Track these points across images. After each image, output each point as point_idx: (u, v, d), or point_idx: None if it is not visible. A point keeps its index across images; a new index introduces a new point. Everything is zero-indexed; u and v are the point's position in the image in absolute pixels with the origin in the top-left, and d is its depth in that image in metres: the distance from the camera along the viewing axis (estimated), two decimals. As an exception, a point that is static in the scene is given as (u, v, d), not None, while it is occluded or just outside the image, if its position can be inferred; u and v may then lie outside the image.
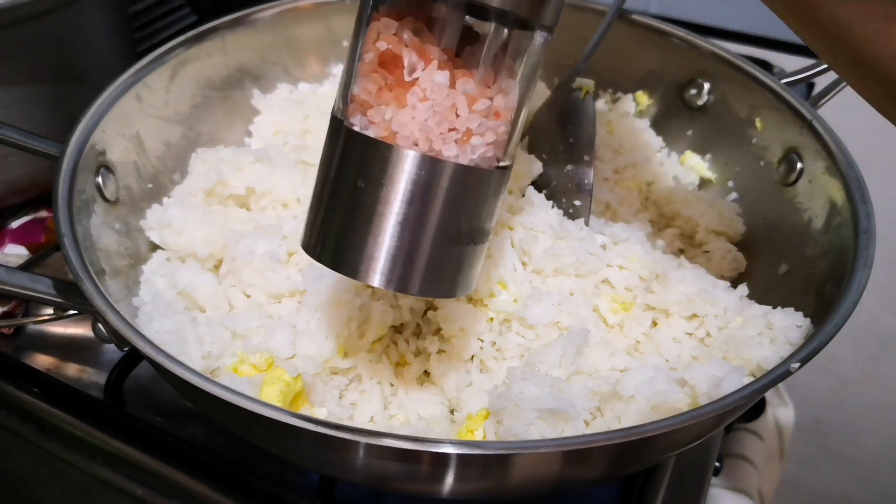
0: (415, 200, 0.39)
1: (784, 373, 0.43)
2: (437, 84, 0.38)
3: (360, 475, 0.46)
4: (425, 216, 0.39)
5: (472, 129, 0.39)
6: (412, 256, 0.40)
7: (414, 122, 0.38)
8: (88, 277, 0.47)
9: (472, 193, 0.40)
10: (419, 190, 0.39)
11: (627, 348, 0.54)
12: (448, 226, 0.40)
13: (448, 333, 0.54)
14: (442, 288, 0.42)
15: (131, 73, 0.61)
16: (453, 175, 0.39)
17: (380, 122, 0.39)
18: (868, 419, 1.27)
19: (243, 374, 0.50)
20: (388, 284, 0.40)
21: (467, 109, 0.38)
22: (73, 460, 0.57)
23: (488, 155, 0.40)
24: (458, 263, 0.42)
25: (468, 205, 0.40)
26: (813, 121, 0.60)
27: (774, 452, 0.83)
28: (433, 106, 0.38)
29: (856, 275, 0.48)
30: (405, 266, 0.40)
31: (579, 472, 0.45)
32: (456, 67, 0.38)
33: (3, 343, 0.65)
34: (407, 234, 0.39)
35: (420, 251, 0.40)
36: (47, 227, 0.74)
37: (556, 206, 0.60)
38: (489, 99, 0.39)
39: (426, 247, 0.40)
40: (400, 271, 0.40)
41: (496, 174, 0.41)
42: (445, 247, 0.41)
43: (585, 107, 0.64)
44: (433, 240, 0.40)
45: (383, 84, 0.39)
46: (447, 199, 0.39)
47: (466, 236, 0.41)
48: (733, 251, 0.63)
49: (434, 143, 0.38)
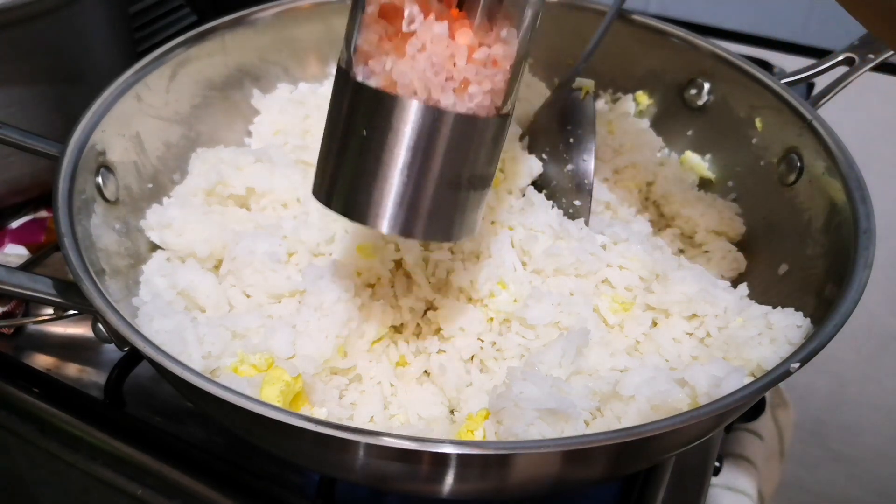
0: (415, 148, 0.40)
1: (784, 373, 0.43)
2: (436, 35, 0.39)
3: (360, 475, 0.46)
4: (426, 163, 0.40)
5: (470, 78, 0.40)
6: (415, 202, 0.41)
7: (413, 72, 0.39)
8: (88, 277, 0.47)
9: (470, 141, 0.41)
10: (419, 138, 0.40)
11: (627, 348, 0.55)
12: (448, 172, 0.41)
13: (448, 333, 0.54)
14: (444, 232, 0.44)
15: (131, 73, 0.61)
16: (451, 123, 0.40)
17: (380, 71, 0.40)
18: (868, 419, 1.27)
19: (243, 374, 0.50)
20: (393, 229, 0.42)
21: (465, 60, 0.39)
22: (73, 460, 0.57)
23: (486, 103, 0.41)
24: (459, 208, 0.43)
25: (467, 152, 0.41)
26: (813, 121, 0.60)
27: (774, 452, 0.83)
28: (431, 56, 0.39)
29: (856, 275, 0.48)
30: (409, 211, 0.41)
31: (579, 473, 0.45)
32: (455, 18, 0.39)
33: (3, 343, 0.66)
34: (409, 180, 0.41)
35: (422, 197, 0.41)
36: (47, 227, 0.74)
37: (556, 206, 0.60)
38: (487, 47, 0.40)
39: (428, 192, 0.41)
40: (404, 216, 0.41)
41: (495, 122, 0.42)
42: (446, 192, 0.42)
43: (585, 107, 0.64)
44: (435, 185, 0.41)
45: (384, 34, 0.40)
46: (446, 146, 0.40)
47: (466, 182, 0.42)
48: (733, 251, 0.63)
49: (433, 91, 0.39)
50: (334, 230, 0.59)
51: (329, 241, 0.59)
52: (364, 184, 0.41)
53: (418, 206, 0.41)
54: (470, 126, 0.41)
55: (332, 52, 0.76)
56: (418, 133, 0.40)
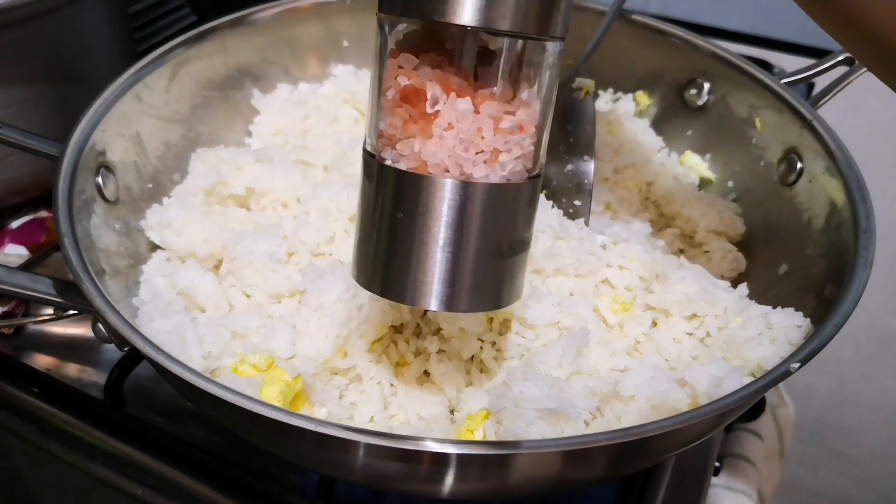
0: (453, 224, 0.40)
1: (784, 373, 0.43)
2: (461, 112, 0.38)
3: (360, 475, 0.46)
4: (465, 237, 0.40)
5: (500, 147, 0.40)
6: (456, 276, 0.41)
7: (443, 151, 0.39)
8: (88, 277, 0.47)
9: (507, 208, 0.41)
10: (455, 214, 0.40)
11: (627, 348, 0.54)
12: (487, 243, 0.41)
13: (448, 333, 0.54)
14: (489, 301, 0.43)
15: (131, 73, 0.61)
16: (486, 195, 0.40)
17: (409, 154, 0.40)
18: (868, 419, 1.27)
19: (243, 374, 0.50)
20: (440, 306, 0.41)
21: (492, 131, 0.39)
22: (73, 460, 0.57)
23: (517, 169, 0.41)
24: (502, 276, 0.43)
25: (505, 220, 0.41)
26: (813, 121, 0.60)
27: (774, 452, 0.83)
28: (459, 133, 0.39)
29: (856, 275, 0.48)
30: (451, 286, 0.41)
31: (579, 473, 0.45)
32: (475, 91, 0.39)
33: (3, 343, 0.65)
34: (449, 256, 0.40)
35: (463, 271, 0.41)
36: (47, 227, 0.74)
37: (556, 206, 0.60)
38: (512, 114, 0.40)
39: (469, 266, 0.41)
40: (448, 292, 0.41)
41: (528, 185, 0.42)
42: (487, 262, 0.41)
43: (585, 107, 0.64)
44: (474, 258, 0.41)
45: (408, 118, 0.39)
46: (483, 218, 0.40)
47: (507, 249, 0.42)
48: (733, 251, 0.63)
49: (464, 167, 0.39)
50: (334, 230, 0.59)
51: (329, 241, 0.59)
52: (405, 266, 0.41)
53: (461, 280, 0.41)
54: (504, 194, 0.40)
55: (332, 52, 0.76)
56: (455, 209, 0.40)
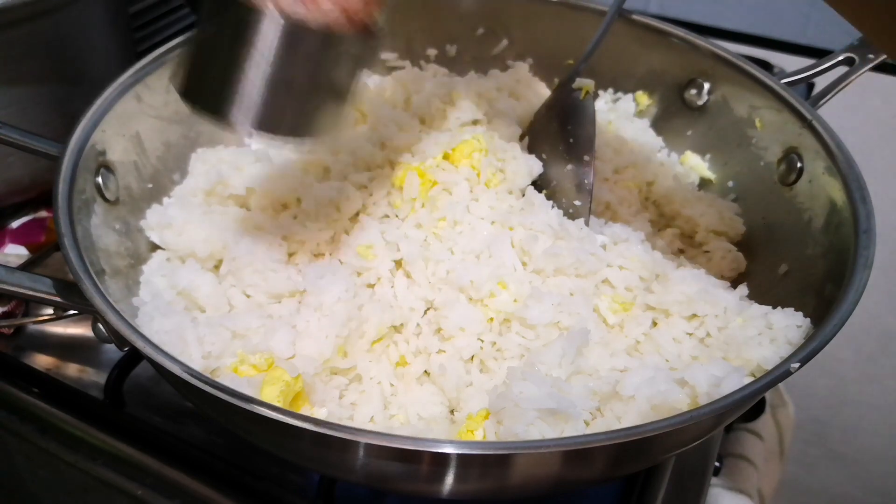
0: (264, 52, 0.43)
1: (784, 373, 0.43)
2: None
3: (360, 475, 0.46)
4: (264, 62, 0.43)
5: None
6: (251, 97, 0.44)
7: None
8: (88, 277, 0.47)
9: (319, 51, 0.44)
10: (266, 43, 0.42)
11: (627, 348, 0.54)
12: (287, 75, 0.44)
13: (448, 333, 0.54)
14: (278, 128, 0.45)
15: (131, 73, 0.61)
16: (297, 32, 0.43)
17: None
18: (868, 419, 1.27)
19: (243, 374, 0.50)
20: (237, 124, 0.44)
21: None
22: (73, 460, 0.57)
23: (338, 18, 0.43)
24: (299, 110, 0.45)
25: (315, 60, 0.44)
26: (813, 121, 0.60)
27: (774, 452, 0.83)
28: None
29: (856, 275, 0.48)
30: (242, 104, 0.44)
31: (579, 472, 0.45)
32: None
33: (3, 343, 0.66)
34: (257, 81, 0.43)
35: (260, 93, 0.43)
36: (47, 227, 0.74)
37: (556, 206, 0.60)
38: None
39: (266, 91, 0.43)
40: (237, 108, 0.44)
41: (351, 38, 0.44)
42: (291, 93, 0.44)
43: (585, 107, 0.64)
44: (277, 86, 0.43)
45: None
46: (293, 52, 0.43)
47: (312, 87, 0.45)
48: (733, 251, 0.63)
49: (284, 4, 0.42)
50: (334, 230, 0.59)
51: (329, 241, 0.59)
52: (217, 82, 0.44)
53: (255, 101, 0.43)
54: (319, 37, 0.43)
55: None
56: (265, 39, 0.42)
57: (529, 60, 0.78)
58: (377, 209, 0.61)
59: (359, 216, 0.60)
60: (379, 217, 0.61)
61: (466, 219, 0.59)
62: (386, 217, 0.61)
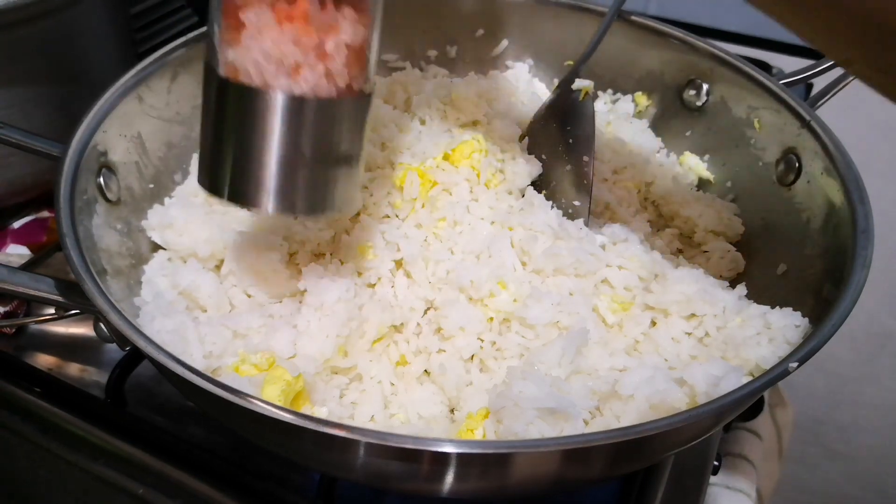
0: (254, 128, 0.42)
1: (782, 372, 0.43)
2: (264, 24, 0.41)
3: (360, 474, 0.46)
4: (265, 141, 0.43)
5: (300, 62, 0.42)
6: (264, 178, 0.44)
7: (248, 60, 0.42)
8: (90, 277, 0.47)
9: (311, 120, 0.43)
10: (256, 118, 0.42)
11: (626, 348, 0.55)
12: (287, 149, 0.43)
13: (448, 333, 0.54)
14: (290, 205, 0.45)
15: (133, 74, 0.62)
16: (286, 104, 0.42)
17: (224, 61, 0.43)
18: (866, 418, 1.28)
19: (244, 373, 0.50)
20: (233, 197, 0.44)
21: (292, 46, 0.41)
22: (75, 460, 0.57)
23: (322, 84, 0.43)
24: (311, 183, 0.45)
25: (307, 129, 0.43)
26: (811, 121, 0.60)
27: (773, 451, 0.83)
28: (261, 45, 0.41)
29: (854, 275, 0.48)
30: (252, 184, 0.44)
31: (579, 472, 0.45)
32: (285, 8, 0.41)
33: (5, 343, 0.66)
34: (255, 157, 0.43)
35: (267, 174, 0.43)
36: (49, 228, 0.75)
37: (556, 206, 0.60)
38: (317, 33, 0.42)
39: (276, 171, 0.43)
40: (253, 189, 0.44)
41: (341, 103, 0.44)
42: (295, 170, 0.44)
43: (584, 108, 0.64)
44: (278, 162, 0.43)
45: (227, 27, 0.42)
46: (282, 126, 0.42)
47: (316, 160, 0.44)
48: (732, 251, 0.63)
49: (267, 77, 0.42)
50: (335, 230, 0.59)
51: (330, 241, 0.59)
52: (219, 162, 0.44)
53: (267, 181, 0.44)
54: (309, 107, 0.43)
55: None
56: (257, 116, 0.42)
57: (529, 61, 0.78)
58: (377, 209, 0.61)
59: (359, 216, 0.61)
60: (379, 217, 0.61)
61: (466, 219, 0.59)
62: (386, 217, 0.61)
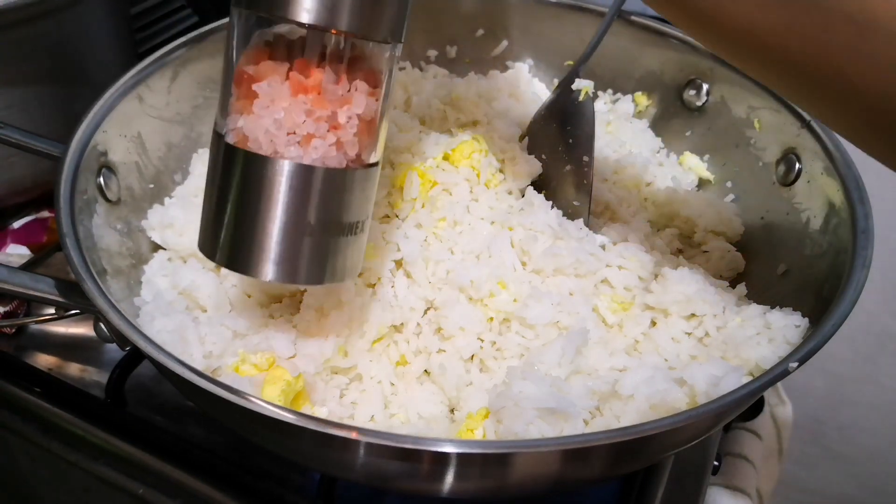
0: (264, 197, 0.43)
1: (782, 372, 0.43)
2: (277, 95, 0.42)
3: (360, 474, 0.46)
4: (275, 211, 0.43)
5: (312, 132, 0.42)
6: (268, 248, 0.44)
7: (259, 128, 0.42)
8: (90, 277, 0.47)
9: (320, 189, 0.43)
10: (267, 187, 0.43)
11: (626, 348, 0.55)
12: (297, 219, 0.44)
13: (448, 333, 0.54)
14: (293, 275, 0.45)
15: (133, 73, 0.62)
16: (296, 174, 0.42)
17: (234, 128, 0.43)
18: (866, 418, 1.27)
19: (244, 373, 0.50)
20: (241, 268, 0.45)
21: (304, 116, 0.42)
22: (75, 460, 0.57)
23: (333, 154, 0.43)
24: (316, 254, 0.45)
25: (317, 200, 0.44)
26: (811, 121, 0.60)
27: (773, 451, 0.83)
28: (273, 114, 0.42)
29: (854, 275, 0.48)
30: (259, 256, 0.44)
31: (579, 472, 0.45)
32: (298, 79, 0.42)
33: (5, 343, 0.66)
34: (264, 228, 0.43)
35: (272, 243, 0.44)
36: (49, 227, 0.75)
37: (556, 206, 0.60)
38: (329, 104, 0.42)
39: (278, 239, 0.44)
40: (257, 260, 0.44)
41: (350, 173, 0.44)
42: (303, 238, 0.44)
43: (584, 108, 0.64)
44: (284, 232, 0.44)
45: (239, 96, 0.43)
46: (292, 194, 0.43)
47: (322, 228, 0.44)
48: (732, 251, 0.63)
49: (277, 146, 0.42)
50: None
51: (329, 241, 0.59)
52: (226, 232, 0.44)
53: (272, 252, 0.44)
54: (317, 176, 0.43)
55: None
56: (266, 184, 0.42)
57: (529, 61, 0.78)
58: (377, 209, 0.61)
59: (359, 216, 0.61)
60: (379, 217, 0.61)
61: (466, 219, 0.59)
62: (386, 217, 0.61)
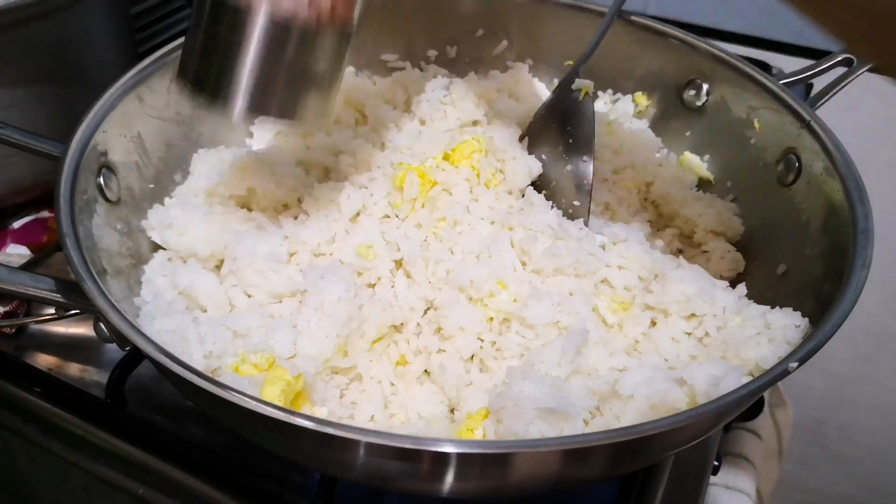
0: (237, 39, 0.47)
1: (782, 372, 0.43)
2: None
3: (360, 474, 0.46)
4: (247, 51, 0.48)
5: None
6: (241, 81, 0.48)
7: None
8: (90, 277, 0.47)
9: (296, 43, 0.48)
10: (241, 32, 0.47)
11: (626, 348, 0.55)
12: (278, 65, 0.49)
13: (448, 333, 0.54)
14: (268, 109, 0.50)
15: (133, 74, 0.62)
16: (269, 23, 0.47)
17: None
18: (866, 418, 1.28)
19: (244, 373, 0.50)
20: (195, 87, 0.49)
21: None
22: (75, 459, 0.57)
23: (303, 3, 0.47)
24: (288, 93, 0.50)
25: (291, 51, 0.48)
26: (811, 121, 0.60)
27: (773, 451, 0.83)
28: None
29: (854, 275, 0.48)
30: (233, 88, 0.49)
31: (579, 471, 0.45)
32: None
33: (5, 343, 0.66)
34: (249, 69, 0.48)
35: (247, 75, 0.48)
36: (49, 228, 0.75)
37: (556, 206, 0.60)
38: None
39: (253, 73, 0.48)
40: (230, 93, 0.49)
41: (324, 33, 0.49)
42: (276, 80, 0.49)
43: (584, 108, 0.64)
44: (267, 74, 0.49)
45: None
46: (271, 45, 0.48)
47: (296, 75, 0.50)
48: (732, 251, 0.63)
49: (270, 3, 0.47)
50: (335, 230, 0.59)
51: (330, 241, 0.59)
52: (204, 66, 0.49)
53: (244, 85, 0.48)
54: (299, 33, 0.48)
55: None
56: (254, 34, 0.47)
57: (529, 61, 0.78)
58: (377, 209, 0.61)
59: (359, 216, 0.61)
60: (379, 217, 0.61)
61: (466, 219, 0.59)
62: (386, 217, 0.61)
